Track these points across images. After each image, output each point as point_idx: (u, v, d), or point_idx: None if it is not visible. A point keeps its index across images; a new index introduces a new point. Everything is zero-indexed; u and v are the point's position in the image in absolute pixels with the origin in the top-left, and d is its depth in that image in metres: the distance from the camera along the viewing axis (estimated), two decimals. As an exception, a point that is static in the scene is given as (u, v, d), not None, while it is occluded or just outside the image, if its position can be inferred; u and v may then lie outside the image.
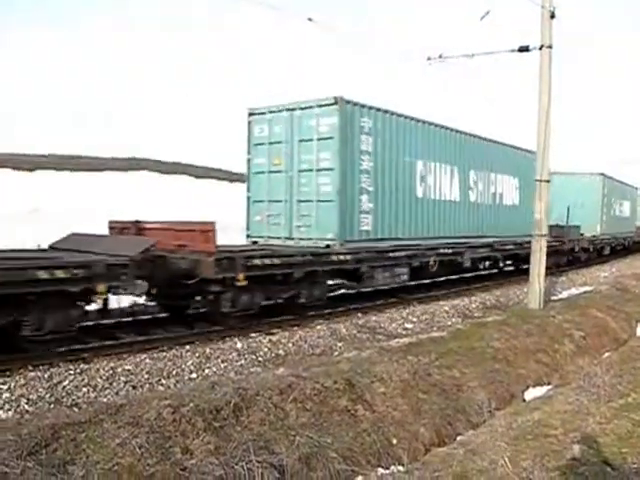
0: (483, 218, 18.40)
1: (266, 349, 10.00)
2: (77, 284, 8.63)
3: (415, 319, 13.21)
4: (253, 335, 10.83)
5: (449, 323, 12.96)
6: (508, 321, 11.64)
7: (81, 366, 8.45)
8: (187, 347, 9.75)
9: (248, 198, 14.54)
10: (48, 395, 7.37)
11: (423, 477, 4.92)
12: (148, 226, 11.91)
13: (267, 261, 11.34)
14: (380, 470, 5.95)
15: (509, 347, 9.98)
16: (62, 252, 10.05)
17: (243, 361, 9.33)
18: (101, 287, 8.87)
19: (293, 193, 13.66)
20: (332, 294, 14.63)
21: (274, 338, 10.65)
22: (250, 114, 14.39)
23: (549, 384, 9.14)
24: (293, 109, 13.57)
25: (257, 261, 11.13)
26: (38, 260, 8.81)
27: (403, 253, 14.68)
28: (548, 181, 13.58)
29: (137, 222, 12.02)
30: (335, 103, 12.91)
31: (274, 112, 13.93)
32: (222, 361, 9.20)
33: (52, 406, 7.05)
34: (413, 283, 16.66)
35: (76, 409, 6.56)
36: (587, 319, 12.87)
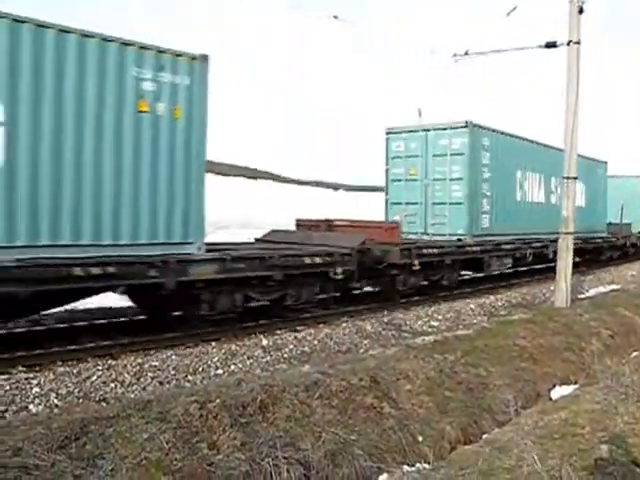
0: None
1: (292, 346, 10.02)
2: (326, 267, 12.00)
3: (441, 317, 13.17)
4: (278, 332, 10.87)
5: (475, 321, 12.90)
6: (534, 319, 11.55)
7: (109, 362, 8.54)
8: (213, 344, 9.81)
9: (386, 201, 17.87)
10: (77, 390, 7.47)
11: (449, 474, 4.91)
12: (337, 223, 15.05)
13: (430, 251, 14.66)
14: (405, 467, 5.94)
15: (535, 345, 9.91)
16: (267, 244, 13.19)
17: (269, 358, 9.37)
18: (339, 269, 12.15)
19: (427, 197, 16.93)
20: (356, 292, 14.69)
21: (299, 335, 10.68)
22: (387, 132, 17.62)
23: (576, 383, 9.06)
24: (428, 130, 16.97)
25: (424, 250, 14.45)
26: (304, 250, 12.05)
27: (509, 246, 17.98)
28: (576, 178, 13.45)
29: (327, 220, 15.11)
30: (466, 126, 16.16)
31: (410, 132, 17.26)
32: (248, 357, 9.25)
33: (81, 401, 7.14)
34: (435, 278, 16.68)
35: (104, 404, 6.64)
36: (615, 318, 12.73)
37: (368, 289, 14.85)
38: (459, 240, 16.03)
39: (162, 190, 9.62)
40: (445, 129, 16.44)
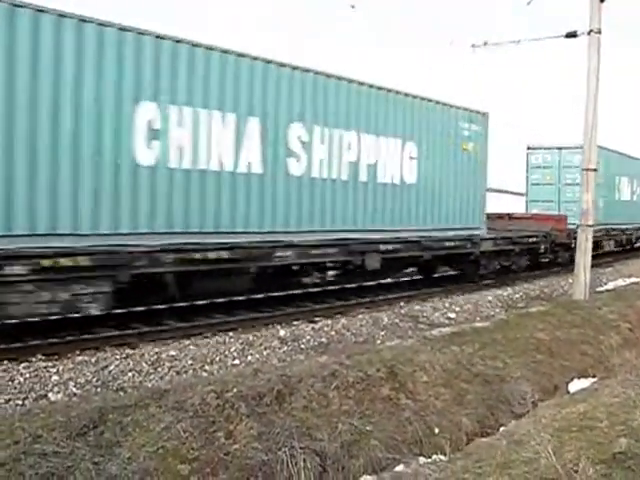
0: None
1: (309, 337, 10.04)
2: (536, 244, 18.36)
3: (458, 309, 13.13)
4: (295, 323, 10.89)
5: (492, 313, 12.85)
6: (552, 312, 11.48)
7: (126, 351, 8.60)
8: (230, 334, 9.84)
9: (526, 199, 23.94)
10: (95, 379, 7.52)
11: (465, 467, 4.89)
12: (516, 216, 21.07)
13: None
14: (422, 459, 5.94)
15: (553, 338, 9.85)
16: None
17: (286, 348, 9.38)
18: (542, 246, 18.42)
19: (560, 197, 22.57)
20: (377, 282, 14.68)
21: (316, 326, 10.69)
22: (528, 148, 23.53)
23: (594, 376, 8.99)
24: (560, 148, 22.46)
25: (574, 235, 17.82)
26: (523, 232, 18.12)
27: (614, 232, 23.98)
28: (595, 170, 13.34)
29: (509, 214, 20.90)
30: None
31: (547, 149, 23.00)
32: (265, 348, 9.27)
33: (99, 390, 7.20)
34: (453, 273, 16.88)
35: (122, 393, 6.69)
36: (634, 311, 12.61)
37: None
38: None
39: (465, 195, 15.13)
40: (574, 147, 20.66)
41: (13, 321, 8.36)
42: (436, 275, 16.62)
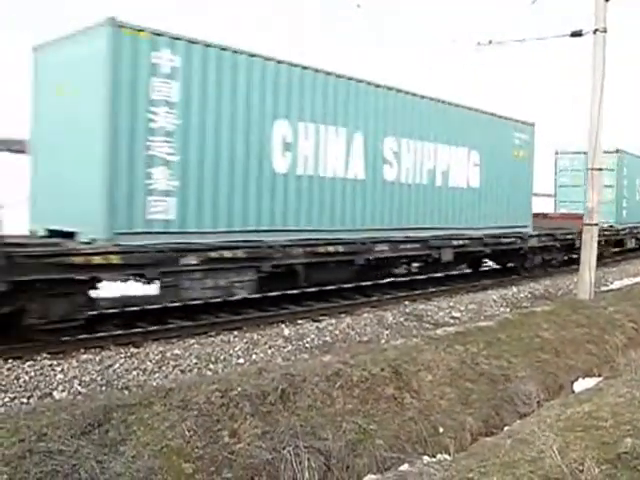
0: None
1: (313, 335, 10.03)
2: (572, 240, 18.95)
3: (463, 308, 13.11)
4: (300, 322, 10.89)
5: (497, 312, 12.82)
6: (557, 311, 11.47)
7: (131, 350, 8.60)
8: (235, 332, 9.85)
9: (555, 200, 26.07)
10: (100, 378, 7.53)
11: (470, 466, 4.89)
12: (551, 215, 22.94)
13: (605, 232, 20.32)
14: (426, 458, 5.94)
15: (558, 337, 9.85)
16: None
17: (290, 347, 9.38)
18: (577, 241, 17.07)
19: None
20: (380, 282, 14.68)
21: (321, 325, 10.68)
22: (556, 153, 25.56)
23: (599, 376, 8.99)
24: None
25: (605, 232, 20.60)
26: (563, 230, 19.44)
27: (636, 231, 26.19)
28: (600, 169, 13.31)
29: (545, 213, 22.20)
30: (617, 152, 23.94)
31: (575, 153, 24.19)
32: (269, 347, 9.27)
33: (104, 388, 7.21)
34: (456, 273, 16.99)
35: (127, 392, 6.69)
36: (639, 310, 12.60)
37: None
38: (611, 227, 23.20)
39: (517, 197, 16.82)
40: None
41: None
42: (483, 269, 19.05)
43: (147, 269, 9.16)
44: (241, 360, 8.65)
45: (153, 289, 9.68)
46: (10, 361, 7.79)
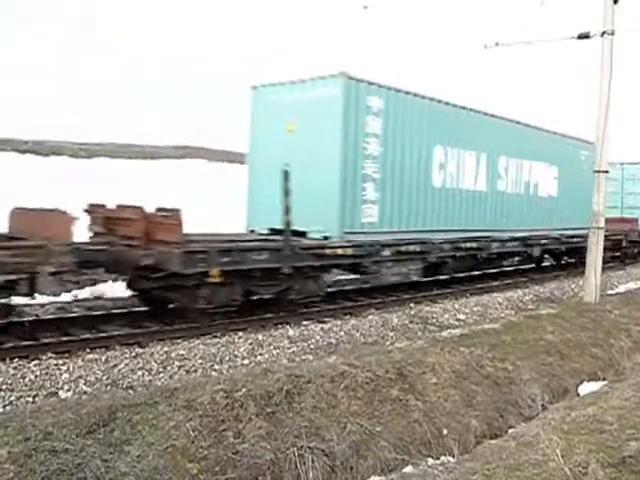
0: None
1: (318, 337, 10.04)
2: (622, 239, 23.03)
3: (468, 310, 13.10)
4: (305, 323, 10.90)
5: (502, 315, 12.80)
6: (562, 314, 11.44)
7: (136, 350, 8.63)
8: (240, 334, 9.86)
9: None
10: (105, 377, 7.55)
11: (474, 468, 4.89)
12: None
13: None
14: (430, 460, 5.94)
15: (563, 340, 9.83)
16: None
17: (295, 348, 9.38)
18: (623, 242, 22.61)
19: (623, 203, 27.03)
20: (385, 284, 14.69)
21: (326, 326, 10.69)
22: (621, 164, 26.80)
23: (604, 379, 8.97)
24: (622, 163, 26.29)
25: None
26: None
27: None
28: (607, 172, 13.28)
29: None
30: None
31: (610, 164, 24.10)
32: (274, 348, 9.28)
33: (109, 388, 7.22)
34: (462, 275, 16.94)
35: (132, 391, 6.70)
36: (645, 314, 12.56)
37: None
38: None
39: (582, 203, 16.83)
40: (634, 163, 27.07)
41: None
42: (544, 264, 21.31)
43: (364, 259, 12.32)
44: (246, 361, 8.66)
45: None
46: (16, 360, 7.83)
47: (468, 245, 15.09)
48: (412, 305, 13.16)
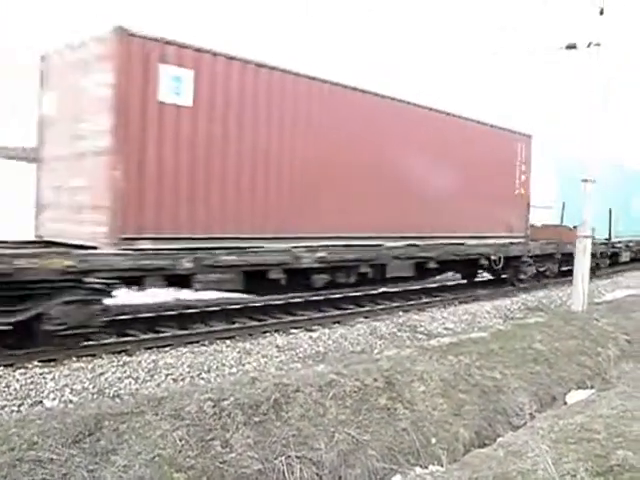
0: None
1: (306, 345, 10.01)
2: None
3: (456, 319, 13.11)
4: (293, 331, 10.87)
5: (490, 324, 12.81)
6: (550, 323, 11.47)
7: (123, 358, 8.57)
8: (227, 342, 9.82)
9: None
10: (91, 386, 7.49)
11: (462, 477, 4.88)
12: None
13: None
14: (418, 469, 5.92)
15: (551, 349, 9.84)
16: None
17: (283, 357, 9.35)
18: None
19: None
20: (373, 292, 14.70)
21: (314, 335, 10.66)
22: None
23: (592, 388, 8.99)
24: None
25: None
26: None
27: None
28: (594, 181, 13.34)
29: None
30: None
31: None
32: (262, 356, 9.24)
33: (95, 397, 7.17)
34: (452, 283, 16.88)
35: (118, 400, 6.65)
36: (632, 323, 12.61)
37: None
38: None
39: None
40: None
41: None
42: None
43: None
44: (234, 369, 8.62)
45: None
46: (1, 369, 7.76)
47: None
48: (400, 313, 13.16)
